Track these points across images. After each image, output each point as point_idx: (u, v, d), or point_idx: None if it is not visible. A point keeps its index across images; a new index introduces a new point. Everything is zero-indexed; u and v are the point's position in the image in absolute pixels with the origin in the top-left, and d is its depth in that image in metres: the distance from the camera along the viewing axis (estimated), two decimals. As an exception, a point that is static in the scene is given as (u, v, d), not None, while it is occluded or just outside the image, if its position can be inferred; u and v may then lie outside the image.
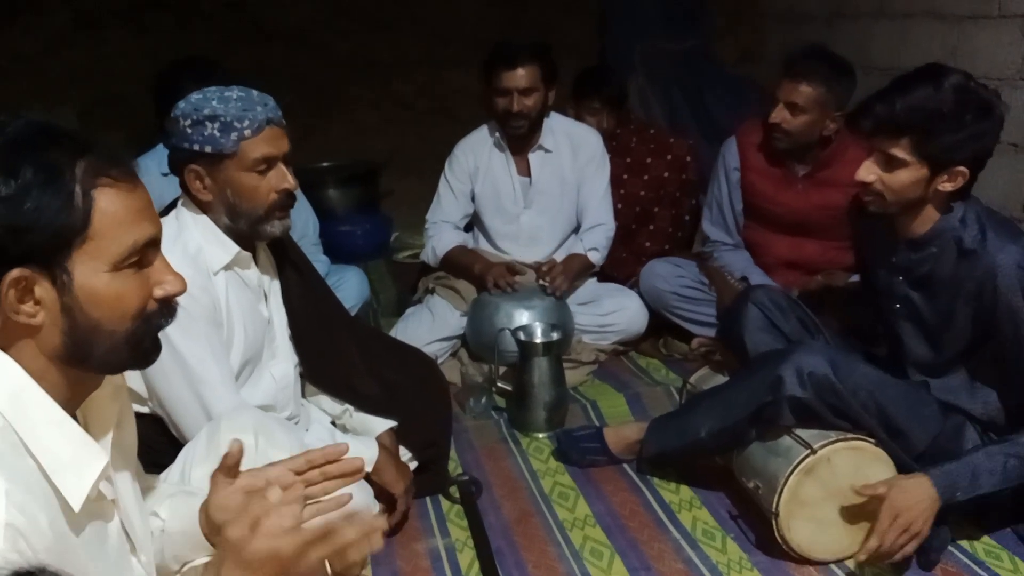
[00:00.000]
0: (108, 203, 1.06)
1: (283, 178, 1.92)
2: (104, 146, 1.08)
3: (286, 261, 2.13)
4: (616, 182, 3.55)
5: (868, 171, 2.03)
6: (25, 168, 1.01)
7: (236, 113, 1.84)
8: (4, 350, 1.06)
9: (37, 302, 1.05)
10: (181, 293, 1.15)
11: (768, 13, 4.72)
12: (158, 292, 1.13)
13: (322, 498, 1.29)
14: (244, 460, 1.58)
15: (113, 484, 1.19)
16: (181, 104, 1.86)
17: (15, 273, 1.02)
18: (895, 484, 1.97)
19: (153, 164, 2.68)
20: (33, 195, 1.01)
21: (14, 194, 1.00)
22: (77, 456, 1.09)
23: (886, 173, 2.01)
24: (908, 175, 1.99)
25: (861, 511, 2.03)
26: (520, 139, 3.23)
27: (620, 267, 3.50)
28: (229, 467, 1.24)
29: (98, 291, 1.07)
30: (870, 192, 2.06)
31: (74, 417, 1.12)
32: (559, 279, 3.13)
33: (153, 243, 1.12)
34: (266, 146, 1.88)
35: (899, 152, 1.97)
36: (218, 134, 1.83)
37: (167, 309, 1.16)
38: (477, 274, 3.18)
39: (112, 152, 1.09)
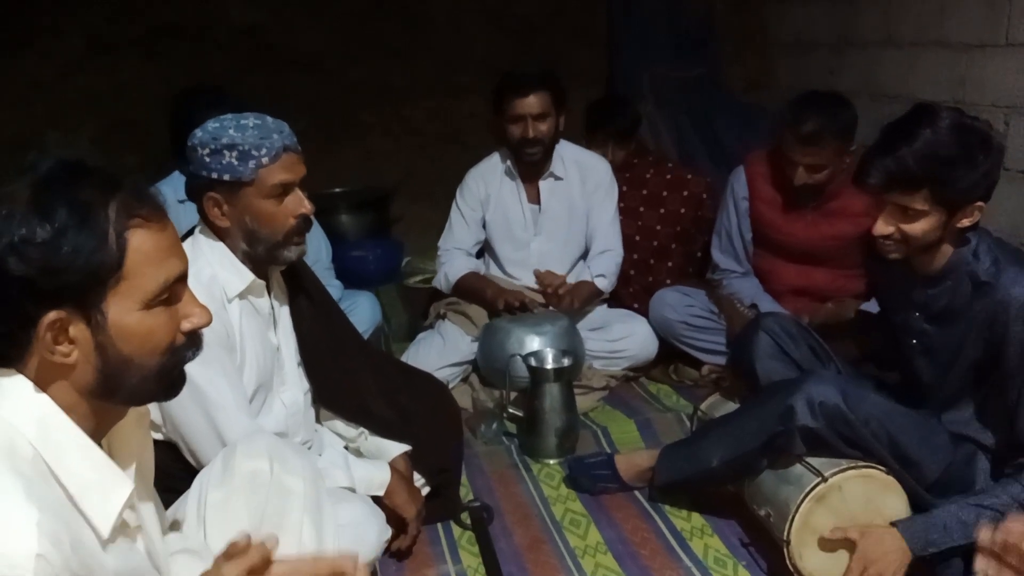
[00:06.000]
0: (140, 243, 1.07)
1: (300, 203, 1.95)
2: (133, 183, 1.10)
3: (299, 287, 2.15)
4: (633, 214, 3.58)
5: (886, 225, 2.01)
6: (60, 210, 1.02)
7: (254, 141, 1.86)
8: (39, 388, 1.08)
9: (72, 342, 1.06)
10: (208, 325, 1.17)
11: (775, 41, 4.75)
12: (186, 325, 1.15)
13: None
14: (259, 485, 1.61)
15: (137, 511, 1.20)
16: (198, 133, 1.88)
17: (51, 316, 1.03)
18: (867, 534, 1.99)
19: (169, 191, 2.70)
20: (69, 238, 1.02)
21: (50, 237, 1.01)
22: (104, 483, 1.10)
23: (904, 224, 1.99)
24: (928, 223, 1.97)
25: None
26: (532, 166, 3.26)
27: (639, 299, 3.50)
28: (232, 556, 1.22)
29: (131, 329, 1.09)
30: (890, 241, 2.04)
31: (99, 446, 1.13)
32: (561, 288, 3.15)
33: (181, 278, 1.14)
34: (283, 172, 1.90)
35: (918, 204, 1.95)
36: (236, 162, 1.85)
37: (194, 341, 1.18)
38: (489, 299, 3.19)
39: (141, 189, 1.10)
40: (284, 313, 2.13)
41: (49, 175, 1.05)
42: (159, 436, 1.93)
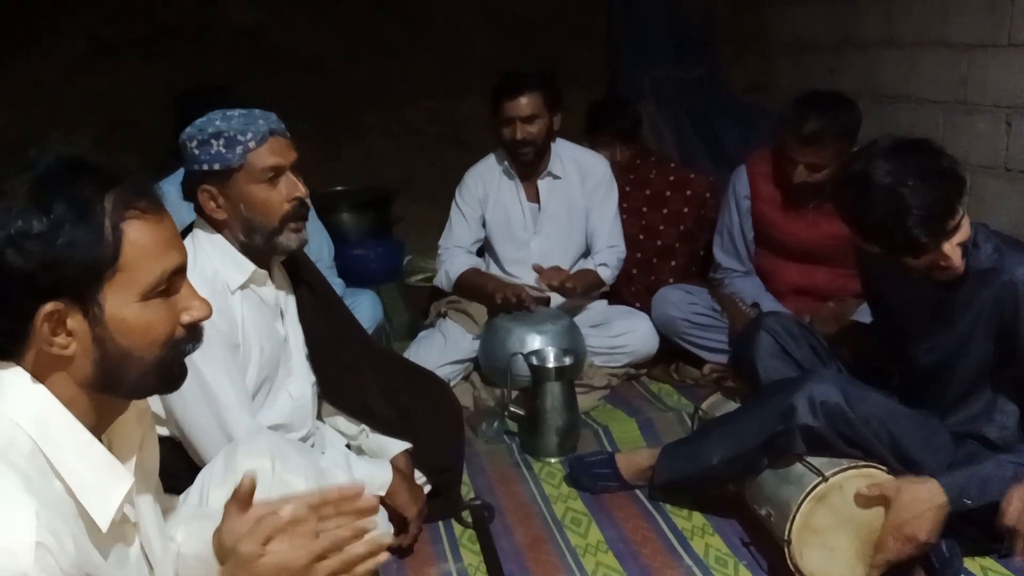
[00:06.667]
0: (137, 235, 1.08)
1: (294, 187, 1.95)
2: (131, 177, 1.10)
3: (300, 279, 2.15)
4: (636, 214, 3.59)
5: (957, 254, 1.96)
6: (57, 204, 1.03)
7: (239, 127, 1.88)
8: (37, 380, 1.08)
9: (69, 334, 1.07)
10: (207, 318, 1.17)
11: (776, 42, 4.75)
12: (185, 318, 1.15)
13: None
14: (260, 484, 1.60)
15: (135, 506, 1.21)
16: (187, 129, 1.92)
17: (48, 307, 1.04)
18: (903, 486, 1.98)
19: (173, 189, 2.69)
20: (65, 230, 1.03)
21: (47, 230, 1.02)
22: (103, 478, 1.11)
23: (963, 237, 1.96)
24: (967, 219, 1.97)
25: (873, 538, 2.03)
26: (528, 166, 3.28)
27: (641, 298, 3.50)
28: (242, 498, 1.24)
29: (128, 321, 1.09)
30: (962, 256, 1.99)
31: (100, 440, 1.14)
32: (560, 278, 3.13)
33: (180, 271, 1.14)
34: (272, 156, 1.91)
35: (961, 209, 1.96)
36: (224, 150, 1.87)
37: (194, 334, 1.18)
38: (490, 292, 3.19)
39: (139, 183, 1.11)
40: (290, 304, 2.13)
41: (48, 171, 1.06)
42: (163, 432, 1.93)
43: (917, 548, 1.97)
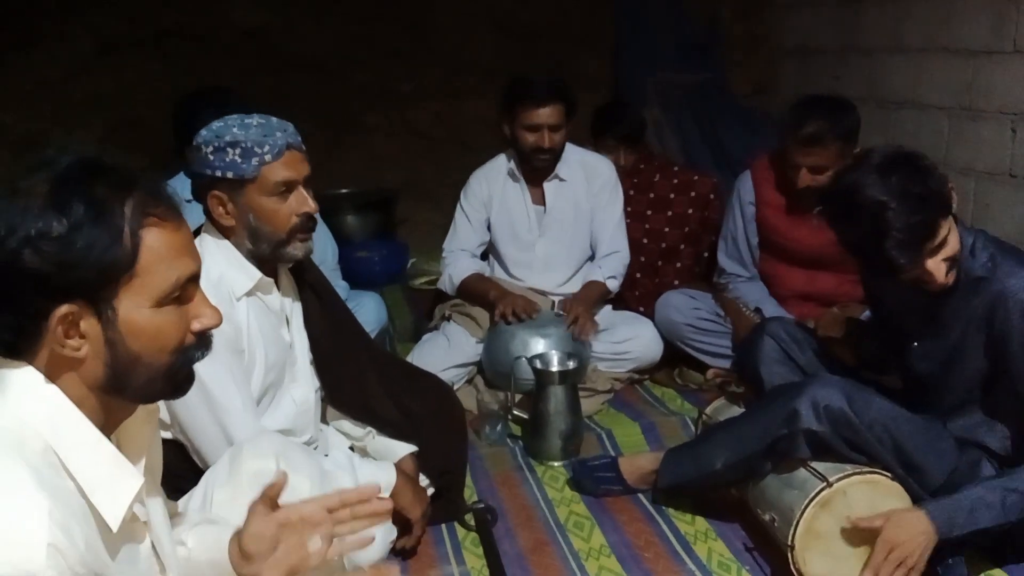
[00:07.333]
0: (154, 241, 1.08)
1: (303, 202, 1.94)
2: (150, 182, 1.10)
3: (306, 285, 2.15)
4: (640, 217, 3.59)
5: (941, 270, 1.96)
6: (76, 206, 1.03)
7: (256, 139, 1.86)
8: (49, 381, 1.08)
9: (82, 336, 1.07)
10: (218, 326, 1.18)
11: (780, 47, 4.76)
12: (195, 325, 1.15)
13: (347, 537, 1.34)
14: (264, 483, 1.61)
15: (145, 506, 1.21)
16: (203, 132, 1.89)
17: (63, 309, 1.04)
18: (892, 517, 1.97)
19: (177, 190, 2.71)
20: (84, 233, 1.03)
21: (66, 232, 1.02)
22: (114, 477, 1.11)
23: (949, 250, 1.96)
24: (954, 233, 1.97)
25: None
26: (540, 171, 3.27)
27: (644, 302, 3.50)
28: (271, 497, 1.27)
29: (140, 326, 1.09)
30: (950, 269, 1.98)
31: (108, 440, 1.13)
32: (586, 323, 3.11)
33: (194, 278, 1.15)
34: (286, 170, 1.90)
35: (946, 227, 1.95)
36: (239, 160, 1.86)
37: (203, 341, 1.18)
38: (492, 301, 3.19)
39: (157, 188, 1.11)
40: (296, 310, 2.13)
41: (67, 171, 1.06)
42: (167, 435, 1.93)
43: (907, 574, 1.96)
